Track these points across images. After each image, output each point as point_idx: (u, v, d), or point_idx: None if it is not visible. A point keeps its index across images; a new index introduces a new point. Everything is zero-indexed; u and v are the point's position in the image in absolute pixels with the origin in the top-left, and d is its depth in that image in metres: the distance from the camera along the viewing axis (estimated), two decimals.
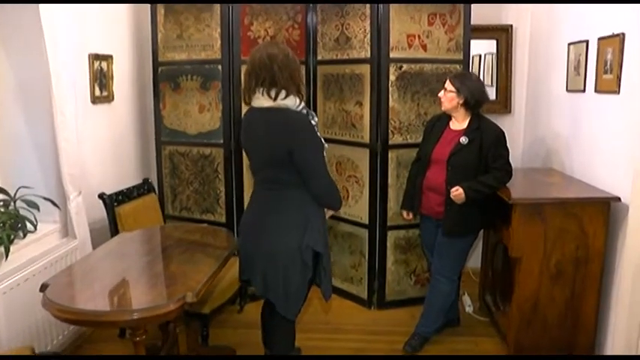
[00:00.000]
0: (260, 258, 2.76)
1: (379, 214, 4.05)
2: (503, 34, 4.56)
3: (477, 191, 3.34)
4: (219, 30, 3.94)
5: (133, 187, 3.97)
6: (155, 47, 4.17)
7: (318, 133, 2.76)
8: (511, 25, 4.55)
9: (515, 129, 4.58)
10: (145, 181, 4.12)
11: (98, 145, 3.98)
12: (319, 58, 4.24)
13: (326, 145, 2.80)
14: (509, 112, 4.66)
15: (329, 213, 2.93)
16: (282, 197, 2.74)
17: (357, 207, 4.15)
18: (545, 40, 4.31)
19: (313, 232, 2.73)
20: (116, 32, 4.17)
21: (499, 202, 3.40)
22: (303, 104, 2.71)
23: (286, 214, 2.74)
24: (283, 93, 2.62)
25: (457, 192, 3.32)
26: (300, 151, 2.61)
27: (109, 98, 4.05)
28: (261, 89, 2.65)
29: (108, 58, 4.01)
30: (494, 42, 4.68)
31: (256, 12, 3.98)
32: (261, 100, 2.66)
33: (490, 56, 4.77)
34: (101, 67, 3.96)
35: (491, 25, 4.54)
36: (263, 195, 2.82)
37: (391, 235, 4.08)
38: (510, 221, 3.28)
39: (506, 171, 3.40)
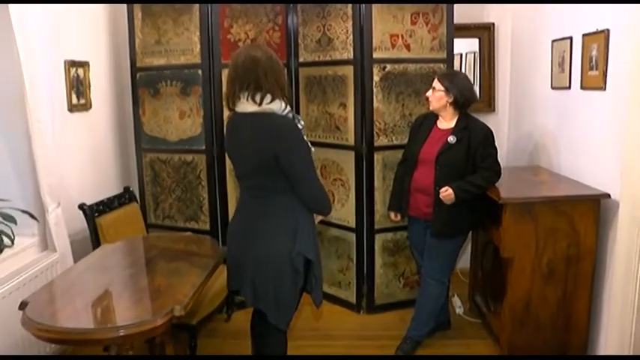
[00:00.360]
0: (249, 266, 2.66)
1: (366, 217, 3.98)
2: (485, 33, 4.53)
3: (466, 191, 3.29)
4: (198, 33, 3.84)
5: (114, 196, 3.85)
6: (133, 53, 4.06)
7: (305, 137, 2.69)
8: (493, 24, 4.52)
9: (499, 127, 4.54)
10: (126, 189, 4.00)
11: (77, 154, 3.85)
12: (301, 60, 4.16)
13: (313, 149, 2.72)
14: (493, 110, 4.63)
15: (318, 218, 2.84)
16: (270, 203, 2.66)
17: (344, 211, 4.07)
18: (527, 37, 4.28)
19: (303, 238, 2.65)
20: (93, 38, 4.05)
21: (488, 202, 3.35)
22: (288, 108, 2.63)
23: (275, 221, 2.65)
24: (269, 97, 2.53)
25: (446, 192, 3.26)
26: (287, 156, 2.53)
27: (86, 106, 3.93)
28: (246, 94, 2.56)
29: (84, 64, 3.89)
30: (475, 41, 4.64)
31: (236, 14, 3.89)
32: (246, 105, 2.58)
33: (471, 55, 4.73)
34: (78, 74, 3.84)
35: (473, 23, 4.50)
36: (250, 202, 2.73)
37: (379, 238, 4.01)
38: (500, 221, 3.23)
39: (495, 170, 3.35)
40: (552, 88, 3.81)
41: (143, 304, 2.52)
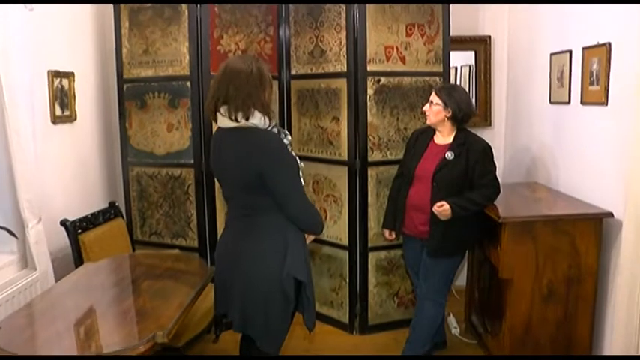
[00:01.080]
0: (236, 290, 2.52)
1: (359, 234, 3.84)
2: (481, 46, 4.43)
3: (463, 208, 3.16)
4: (187, 44, 3.71)
5: (99, 212, 3.71)
6: (120, 63, 3.92)
7: (293, 153, 2.57)
8: (489, 37, 4.43)
9: (495, 142, 4.40)
10: (112, 205, 3.85)
11: (60, 168, 3.70)
12: (293, 72, 4.03)
13: (301, 165, 2.60)
14: (489, 124, 4.52)
15: (310, 238, 2.71)
16: (258, 223, 2.52)
17: (336, 228, 3.94)
18: (524, 50, 4.18)
19: (294, 258, 2.51)
20: (78, 48, 3.91)
21: (485, 220, 3.23)
22: (273, 123, 2.51)
23: (264, 241, 2.51)
24: (239, 114, 2.40)
25: (443, 207, 3.14)
26: (272, 174, 2.40)
27: (71, 118, 3.79)
28: (222, 108, 2.44)
29: (69, 75, 3.75)
30: (470, 54, 4.55)
31: (226, 25, 3.77)
32: (225, 121, 2.45)
33: (466, 68, 4.63)
34: (62, 85, 3.69)
35: (469, 36, 4.41)
36: (237, 221, 2.59)
37: (372, 257, 3.87)
38: (499, 241, 3.11)
39: (494, 187, 3.23)
40: (551, 102, 3.70)
41: (127, 327, 2.39)
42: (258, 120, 2.43)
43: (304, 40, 3.93)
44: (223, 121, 2.47)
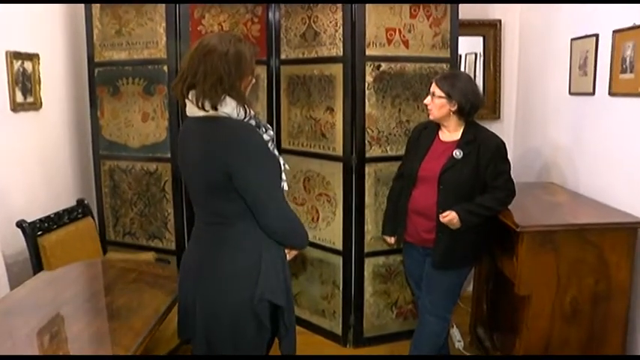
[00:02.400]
0: (200, 315, 2.03)
1: (355, 238, 3.34)
2: (490, 31, 3.91)
3: (474, 214, 2.68)
4: (164, 24, 3.20)
5: (64, 210, 3.20)
6: (90, 45, 3.41)
7: (275, 151, 2.09)
8: (499, 20, 3.90)
9: (504, 136, 3.73)
10: (80, 202, 3.34)
11: (21, 161, 3.19)
12: (283, 57, 3.52)
13: (286, 167, 2.13)
14: (498, 117, 4.01)
15: (292, 253, 2.22)
16: (227, 234, 2.03)
17: (329, 230, 3.44)
18: (539, 36, 3.66)
19: (269, 278, 2.02)
20: (44, 27, 3.37)
21: (497, 226, 2.75)
22: (251, 112, 2.02)
23: (233, 257, 2.02)
24: (206, 101, 1.92)
25: (449, 217, 2.66)
26: (243, 174, 1.93)
27: (35, 105, 3.28)
28: (190, 93, 1.97)
29: (33, 57, 3.23)
30: (475, 41, 4.02)
31: (208, 3, 3.25)
32: (193, 108, 1.98)
33: (472, 57, 4.13)
34: (24, 68, 3.18)
35: (477, 20, 3.88)
36: (204, 231, 2.10)
37: (369, 263, 3.38)
38: (515, 252, 2.61)
39: (509, 190, 2.74)
40: (571, 93, 3.20)
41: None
42: (230, 109, 1.95)
43: (296, 21, 3.41)
44: (191, 109, 2.00)
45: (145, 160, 3.38)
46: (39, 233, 2.95)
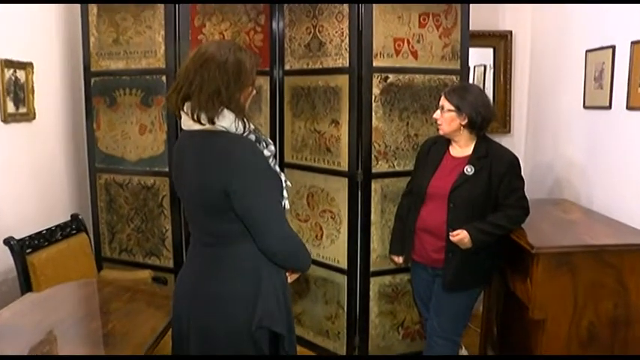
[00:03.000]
0: (195, 344, 1.90)
1: (360, 257, 3.19)
2: (501, 42, 3.79)
3: (486, 234, 2.55)
4: (162, 33, 3.08)
5: (56, 226, 3.06)
6: (87, 54, 3.29)
7: (276, 167, 1.96)
8: (510, 32, 3.78)
9: (515, 151, 3.63)
10: (74, 218, 3.21)
11: (12, 175, 3.07)
12: (287, 67, 3.39)
13: (287, 183, 2.00)
14: (509, 131, 3.87)
15: (293, 276, 2.08)
16: (224, 256, 1.90)
17: (334, 248, 3.29)
18: (552, 47, 3.53)
19: (269, 303, 1.88)
20: (39, 35, 3.25)
21: (509, 245, 2.62)
22: (250, 126, 1.88)
23: (229, 281, 1.88)
24: (202, 114, 1.79)
25: (460, 236, 2.53)
26: (240, 194, 1.79)
27: (28, 116, 3.16)
28: (186, 105, 1.84)
29: (26, 65, 3.12)
30: (485, 53, 3.90)
31: (209, 11, 3.13)
32: (188, 121, 1.85)
33: (480, 69, 4.00)
34: (16, 77, 3.07)
35: (487, 31, 3.76)
36: (200, 252, 1.97)
37: (375, 282, 3.23)
38: (529, 274, 2.47)
39: (523, 208, 2.61)
40: (585, 107, 3.07)
41: None
42: (228, 122, 1.82)
43: (300, 30, 3.29)
44: (186, 122, 1.86)
45: (143, 174, 3.25)
46: (28, 251, 2.81)
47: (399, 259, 2.95)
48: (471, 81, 3.91)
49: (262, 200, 1.83)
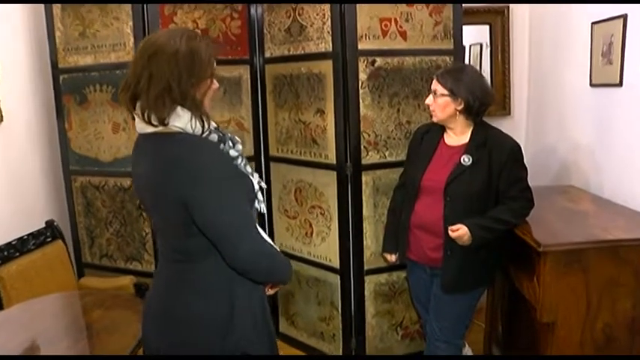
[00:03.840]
0: None
1: (353, 254, 2.87)
2: (497, 18, 3.41)
3: (487, 229, 2.23)
4: (131, 23, 2.75)
5: (29, 235, 2.78)
6: (53, 50, 2.97)
7: (247, 168, 1.67)
8: (507, 7, 3.41)
9: (515, 135, 3.29)
10: (49, 224, 2.92)
11: None
12: (267, 55, 3.06)
13: (262, 185, 1.72)
14: (508, 113, 3.52)
15: (272, 289, 1.79)
16: (190, 275, 1.61)
17: (325, 246, 2.98)
18: (553, 21, 3.16)
19: (245, 326, 1.61)
20: (2, 31, 2.93)
21: (512, 239, 2.30)
22: (210, 125, 1.59)
23: (199, 303, 1.60)
24: (152, 114, 1.50)
25: (459, 232, 2.21)
26: (199, 206, 1.50)
27: None
28: (137, 105, 1.54)
29: None
30: (482, 30, 3.55)
31: None
32: (141, 123, 1.55)
33: (477, 47, 3.65)
34: None
35: (482, 6, 3.40)
36: (166, 269, 1.68)
37: (370, 281, 2.92)
38: (537, 273, 2.15)
39: (526, 199, 2.28)
40: (592, 85, 2.72)
41: None
42: (183, 122, 1.52)
43: (280, 14, 2.94)
44: (139, 124, 1.56)
45: (118, 175, 2.94)
46: None
47: (392, 257, 2.62)
48: (466, 62, 3.57)
49: (226, 212, 1.53)
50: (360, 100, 2.74)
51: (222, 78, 2.94)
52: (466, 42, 3.60)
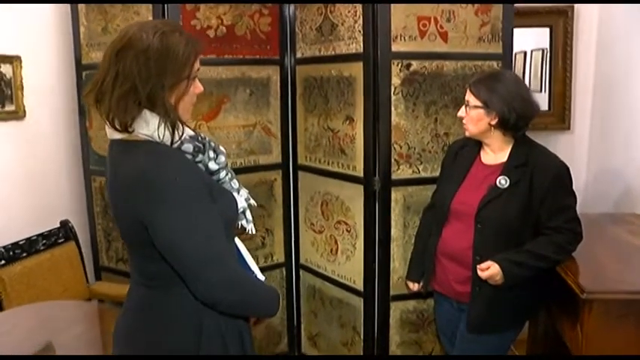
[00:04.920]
0: None
1: (378, 277, 2.57)
2: (559, 20, 3.00)
3: (522, 267, 1.89)
4: (151, 18, 2.57)
5: (39, 235, 2.66)
6: (77, 45, 2.82)
7: (233, 182, 1.49)
8: (571, 7, 2.99)
9: (575, 152, 3.01)
10: (63, 225, 2.79)
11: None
12: (298, 55, 2.80)
13: (252, 202, 1.54)
14: (568, 128, 3.09)
15: (256, 324, 1.55)
16: (156, 302, 1.41)
17: (349, 266, 2.68)
18: (625, 26, 2.73)
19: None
20: (28, 26, 2.80)
21: (555, 277, 1.94)
22: (186, 134, 1.38)
23: (163, 334, 1.39)
24: (115, 120, 1.31)
25: (489, 272, 1.88)
26: (158, 227, 1.29)
27: (17, 114, 2.75)
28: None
29: (14, 59, 2.71)
30: (544, 32, 3.16)
31: None
32: (109, 127, 1.37)
33: (539, 53, 3.25)
34: (2, 73, 2.67)
35: (543, 7, 3.00)
36: (135, 292, 1.48)
37: (396, 308, 2.60)
38: (579, 320, 1.79)
39: (573, 233, 1.92)
40: None
41: None
42: (151, 128, 1.32)
43: (311, 11, 2.68)
44: (108, 128, 1.38)
45: None
46: (1, 263, 2.42)
47: (415, 286, 2.32)
48: (526, 69, 3.19)
49: (189, 237, 1.30)
50: (392, 108, 2.43)
51: (250, 79, 2.72)
52: (527, 47, 3.23)
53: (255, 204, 1.60)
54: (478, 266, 1.89)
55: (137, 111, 1.31)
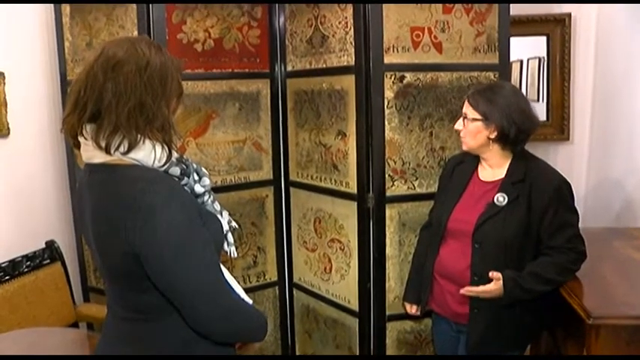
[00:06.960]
0: None
1: (373, 297, 2.46)
2: (556, 28, 2.90)
3: (524, 290, 1.78)
4: (136, 32, 2.47)
5: (23, 257, 2.54)
6: (62, 61, 2.72)
7: (215, 205, 1.40)
8: (568, 15, 2.89)
9: (575, 164, 2.91)
10: (49, 246, 2.68)
11: None
12: (289, 68, 2.70)
13: (233, 224, 1.46)
14: (567, 138, 2.98)
15: (242, 349, 1.46)
16: (143, 335, 1.32)
17: (344, 285, 2.57)
18: (624, 33, 2.65)
19: None
20: (12, 41, 2.70)
21: (557, 297, 1.83)
22: (173, 156, 1.28)
23: None
24: (124, 142, 1.22)
25: (488, 288, 1.77)
26: (153, 259, 1.21)
27: (1, 131, 2.63)
28: (87, 128, 1.24)
29: None
30: (539, 41, 3.06)
31: (191, 5, 2.48)
32: (91, 150, 1.26)
33: (535, 61, 3.15)
34: None
35: (539, 15, 2.91)
36: (116, 329, 1.38)
37: (392, 328, 2.48)
38: (586, 345, 1.68)
39: (576, 252, 1.81)
40: None
41: None
42: (145, 154, 1.24)
43: (302, 22, 2.58)
44: (88, 151, 1.27)
45: None
46: None
47: (413, 309, 2.21)
48: (523, 78, 3.09)
49: (187, 264, 1.23)
50: (386, 122, 2.33)
51: (239, 93, 2.62)
52: (523, 55, 3.14)
53: (237, 227, 1.51)
54: (491, 274, 1.78)
55: (144, 130, 1.22)
